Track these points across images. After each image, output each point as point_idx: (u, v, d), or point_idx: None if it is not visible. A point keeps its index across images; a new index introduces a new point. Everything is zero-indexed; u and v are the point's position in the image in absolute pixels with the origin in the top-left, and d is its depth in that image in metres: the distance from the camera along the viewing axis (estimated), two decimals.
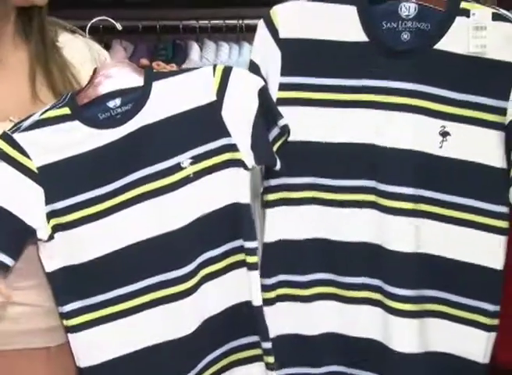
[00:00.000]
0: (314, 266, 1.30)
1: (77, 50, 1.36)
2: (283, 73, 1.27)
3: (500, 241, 1.25)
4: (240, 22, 2.05)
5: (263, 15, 1.31)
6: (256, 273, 1.23)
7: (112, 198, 1.18)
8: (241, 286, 1.24)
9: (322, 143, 1.27)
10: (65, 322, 1.20)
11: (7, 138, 1.18)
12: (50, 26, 1.34)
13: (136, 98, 1.20)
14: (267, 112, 1.22)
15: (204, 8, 2.10)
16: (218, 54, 2.09)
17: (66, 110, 1.19)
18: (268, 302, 1.29)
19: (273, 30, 1.27)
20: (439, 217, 1.26)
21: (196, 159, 1.20)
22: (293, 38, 1.27)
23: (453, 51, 1.24)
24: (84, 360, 1.20)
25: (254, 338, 1.25)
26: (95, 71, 1.21)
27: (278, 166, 1.23)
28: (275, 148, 1.23)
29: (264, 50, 1.28)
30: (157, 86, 1.21)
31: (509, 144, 1.23)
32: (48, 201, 1.17)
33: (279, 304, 1.31)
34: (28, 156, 1.17)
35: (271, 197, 1.29)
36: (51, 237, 1.18)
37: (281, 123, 1.22)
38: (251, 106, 1.20)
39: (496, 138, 1.24)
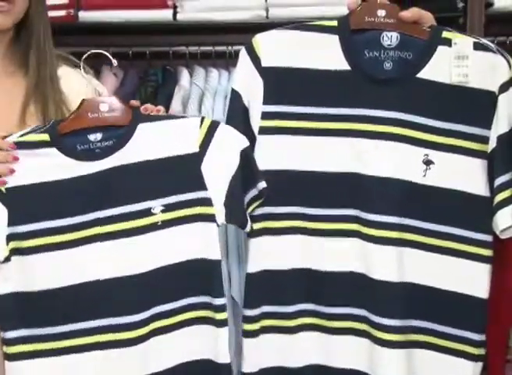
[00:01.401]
0: (298, 296, 1.28)
1: (76, 84, 1.35)
2: (266, 102, 1.26)
3: (484, 269, 1.24)
4: (229, 48, 2.04)
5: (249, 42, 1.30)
6: (225, 330, 1.21)
7: (75, 232, 1.17)
8: (202, 343, 1.21)
9: (305, 172, 1.26)
10: (4, 348, 1.17)
11: None
12: (53, 58, 1.34)
13: (118, 136, 1.19)
14: (247, 173, 1.21)
15: (194, 35, 2.10)
16: (207, 80, 2.08)
17: (46, 136, 1.18)
18: (251, 334, 1.28)
19: (255, 59, 1.27)
20: (423, 246, 1.24)
21: (168, 207, 1.19)
22: (276, 66, 1.26)
23: (435, 80, 1.23)
24: None
25: None
26: (82, 102, 1.20)
27: (248, 228, 1.23)
28: (249, 210, 1.23)
29: (247, 78, 1.27)
30: (142, 128, 1.20)
31: (491, 172, 1.22)
32: (10, 223, 1.15)
33: (262, 336, 1.29)
34: None
35: (254, 226, 1.27)
36: (7, 259, 1.15)
37: (260, 185, 1.22)
38: (232, 164, 1.20)
39: (478, 166, 1.23)
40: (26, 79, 1.33)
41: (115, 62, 1.27)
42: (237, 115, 1.27)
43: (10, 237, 1.15)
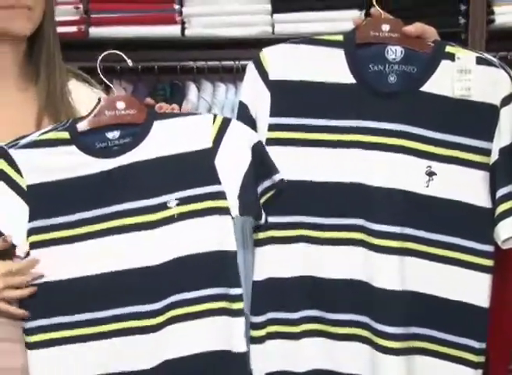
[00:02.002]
0: (303, 303, 1.28)
1: (86, 98, 1.36)
2: (272, 114, 1.27)
3: (485, 278, 1.24)
4: (236, 63, 2.06)
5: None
6: (241, 320, 1.21)
7: (92, 224, 1.18)
8: (217, 334, 1.21)
9: (311, 182, 1.26)
10: (26, 338, 1.18)
11: (2, 153, 1.19)
12: (63, 72, 1.36)
13: (135, 134, 1.21)
14: (260, 167, 1.22)
15: (201, 50, 2.11)
16: (215, 94, 2.10)
17: (66, 134, 1.20)
18: (257, 340, 1.28)
19: (263, 72, 1.28)
20: (426, 255, 1.25)
21: (183, 201, 1.20)
22: (283, 80, 1.27)
23: (438, 94, 1.24)
24: None
25: None
26: (99, 101, 1.22)
27: (263, 220, 1.24)
28: (262, 200, 1.24)
29: (254, 91, 1.28)
30: (157, 125, 1.22)
31: (493, 184, 1.23)
32: (31, 219, 1.17)
33: (268, 341, 1.29)
34: (21, 173, 1.17)
35: (261, 235, 1.28)
36: (27, 254, 1.17)
37: (276, 177, 1.23)
38: (245, 159, 1.22)
39: (480, 178, 1.23)
40: (37, 93, 1.34)
41: (129, 61, 1.29)
42: None
43: (30, 232, 1.17)
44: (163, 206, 1.19)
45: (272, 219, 1.27)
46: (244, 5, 2.05)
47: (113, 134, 1.21)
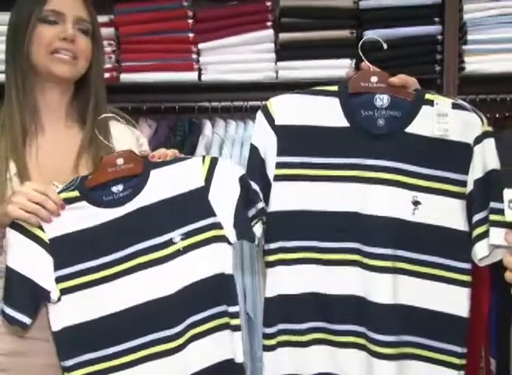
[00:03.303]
0: (309, 316, 1.28)
1: (123, 135, 1.36)
2: (279, 154, 1.28)
3: (465, 292, 1.25)
4: (245, 103, 2.06)
5: (262, 98, 1.34)
6: (239, 334, 1.22)
7: (111, 268, 1.17)
8: (225, 345, 1.22)
9: (313, 211, 1.27)
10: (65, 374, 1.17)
11: None
12: (107, 117, 1.34)
13: (136, 184, 1.20)
14: (247, 197, 1.22)
15: (215, 93, 2.12)
16: (227, 130, 2.09)
17: (76, 193, 1.19)
18: (269, 348, 1.29)
19: (270, 119, 1.29)
20: (414, 273, 1.25)
21: (186, 236, 1.19)
22: (287, 125, 1.28)
23: (421, 134, 1.25)
24: None
25: None
26: (101, 159, 1.21)
27: (256, 241, 1.23)
28: (253, 224, 1.23)
29: (263, 135, 1.29)
30: (154, 173, 1.21)
31: (469, 210, 1.24)
32: (56, 268, 1.16)
33: (279, 349, 1.29)
34: (43, 229, 1.16)
35: (270, 258, 1.29)
36: (59, 299, 1.16)
37: (259, 206, 1.23)
38: (234, 191, 1.21)
39: (459, 206, 1.24)
40: (82, 132, 1.33)
41: None
42: (256, 165, 1.29)
43: (57, 280, 1.16)
44: (169, 243, 1.19)
45: (280, 244, 1.28)
46: (252, 54, 2.05)
47: (117, 188, 1.20)
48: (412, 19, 1.96)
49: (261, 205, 1.23)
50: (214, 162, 1.22)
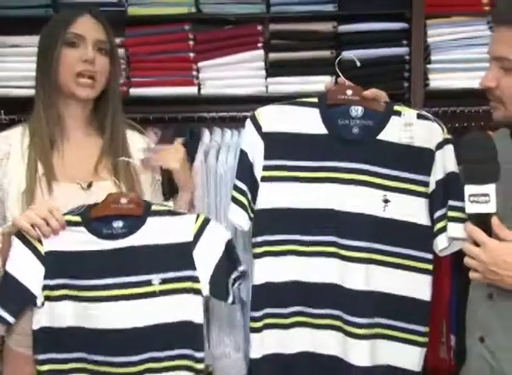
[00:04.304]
0: (292, 301, 1.26)
1: (137, 142, 1.34)
2: (266, 158, 1.25)
3: (428, 279, 1.24)
4: (239, 114, 2.04)
5: (254, 109, 1.30)
6: None
7: (91, 291, 1.15)
8: None
9: (296, 209, 1.24)
10: (37, 367, 1.16)
11: None
12: (123, 125, 1.33)
13: (132, 225, 1.17)
14: (230, 259, 1.18)
15: (213, 105, 2.10)
16: (223, 137, 2.06)
17: (78, 218, 1.16)
18: (256, 330, 1.26)
19: (257, 126, 1.26)
20: (384, 263, 1.23)
21: (164, 281, 1.16)
22: (273, 132, 1.26)
23: (390, 141, 1.23)
24: None
25: None
26: (107, 196, 1.18)
27: (229, 301, 1.19)
28: (235, 286, 1.19)
29: (251, 141, 1.27)
30: (150, 220, 1.18)
31: (431, 208, 1.22)
32: (45, 277, 1.14)
33: (265, 331, 1.26)
34: (41, 242, 1.14)
35: (257, 250, 1.26)
36: (42, 304, 1.15)
37: (240, 268, 1.19)
38: (217, 252, 1.17)
39: (422, 204, 1.23)
40: (102, 140, 1.31)
41: None
42: (245, 168, 1.26)
43: (44, 288, 1.14)
44: (148, 283, 1.15)
45: (266, 238, 1.25)
46: (245, 71, 2.03)
47: (118, 224, 1.16)
48: (383, 41, 1.95)
49: (242, 267, 1.19)
50: (206, 221, 1.18)
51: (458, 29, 1.93)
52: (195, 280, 1.16)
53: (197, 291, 1.16)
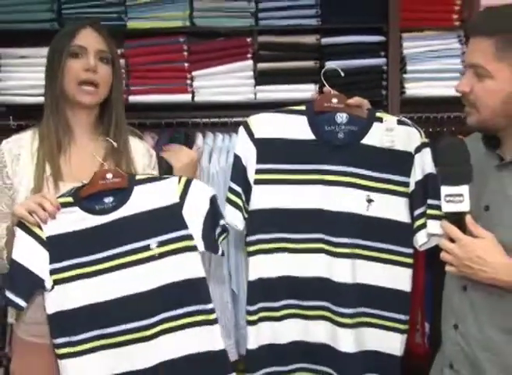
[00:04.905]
0: (284, 295, 1.24)
1: (137, 146, 1.33)
2: (258, 162, 1.24)
3: (408, 272, 1.23)
4: (230, 119, 2.01)
5: (244, 115, 1.29)
6: (217, 326, 1.14)
7: (96, 265, 1.12)
8: (201, 340, 1.14)
9: (286, 209, 1.23)
10: (55, 350, 1.13)
11: None
12: (126, 131, 1.31)
13: (122, 197, 1.15)
14: (215, 213, 1.16)
15: (206, 111, 2.07)
16: (215, 141, 2.04)
17: (70, 199, 1.14)
18: (252, 323, 1.24)
19: (250, 133, 1.24)
20: (368, 257, 1.22)
21: (161, 244, 1.14)
22: (264, 138, 1.24)
23: (373, 145, 1.22)
24: None
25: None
26: (95, 173, 1.16)
27: (219, 253, 1.17)
28: (220, 240, 1.17)
29: (244, 146, 1.25)
30: (137, 189, 1.16)
31: (412, 206, 1.21)
32: (50, 262, 1.12)
33: (260, 323, 1.24)
34: (41, 228, 1.12)
35: (251, 248, 1.24)
36: (52, 288, 1.12)
37: (221, 222, 1.16)
38: (204, 208, 1.15)
39: (403, 203, 1.22)
40: (106, 143, 1.29)
41: None
42: (239, 172, 1.24)
43: (52, 272, 1.12)
44: (147, 248, 1.13)
45: (258, 237, 1.23)
46: (235, 80, 2.00)
47: (108, 199, 1.14)
48: (362, 53, 1.94)
49: (223, 221, 1.17)
50: (188, 182, 1.16)
51: (431, 42, 1.93)
52: (189, 238, 1.14)
53: (193, 248, 1.14)
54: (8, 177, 1.22)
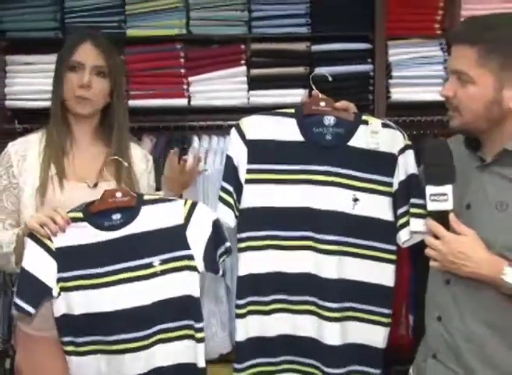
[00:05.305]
0: (272, 290, 1.22)
1: (136, 152, 1.33)
2: (249, 162, 1.21)
3: (392, 267, 1.21)
4: (224, 123, 2.00)
5: (237, 118, 1.26)
6: (202, 345, 1.15)
7: (101, 278, 1.12)
8: (188, 352, 1.15)
9: (275, 207, 1.20)
10: (63, 347, 1.14)
11: None
12: (128, 138, 1.31)
13: (129, 215, 1.14)
14: (218, 237, 1.15)
15: (202, 114, 2.06)
16: (210, 143, 2.03)
17: (79, 214, 1.14)
18: (241, 316, 1.22)
19: (241, 134, 1.22)
20: (354, 254, 1.20)
21: (164, 262, 1.14)
22: (255, 139, 1.22)
23: (359, 146, 1.20)
24: (73, 373, 1.15)
25: None
26: (104, 192, 1.15)
27: (220, 274, 1.16)
28: (220, 260, 1.17)
29: (236, 147, 1.22)
30: (145, 208, 1.15)
31: (395, 205, 1.20)
32: (58, 271, 1.12)
33: (248, 316, 1.22)
34: (51, 240, 1.11)
35: (242, 245, 1.21)
36: (59, 295, 1.12)
37: (226, 244, 1.16)
38: (207, 231, 1.14)
39: (387, 202, 1.20)
40: (107, 147, 1.28)
41: None
42: (230, 172, 1.22)
43: (58, 280, 1.12)
44: (150, 265, 1.13)
45: (249, 234, 1.21)
46: (229, 85, 2.00)
47: (116, 216, 1.14)
48: (350, 59, 1.94)
49: (228, 244, 1.16)
50: (194, 205, 1.15)
51: (415, 49, 1.94)
52: (190, 258, 1.14)
53: (193, 268, 1.14)
54: (14, 177, 1.22)
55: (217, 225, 1.15)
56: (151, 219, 1.14)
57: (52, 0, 1.95)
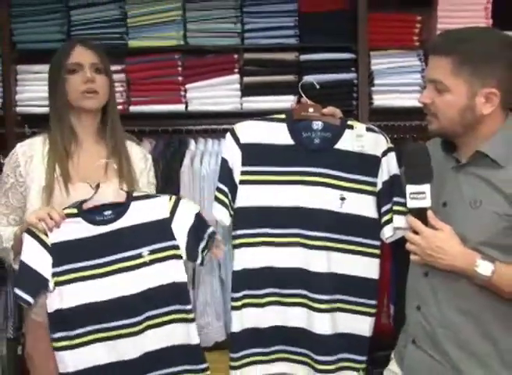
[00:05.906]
0: (265, 283, 1.20)
1: (135, 151, 1.31)
2: (243, 164, 1.20)
3: (376, 261, 1.20)
4: (219, 127, 1.98)
5: (231, 123, 1.25)
6: (193, 324, 1.14)
7: (94, 269, 1.11)
8: (180, 334, 1.14)
9: (268, 206, 1.19)
10: (53, 344, 1.10)
11: None
12: (121, 132, 1.28)
13: (119, 211, 1.14)
14: (200, 227, 1.15)
15: (198, 119, 2.03)
16: (206, 146, 2.01)
17: (74, 210, 1.12)
18: (236, 308, 1.20)
19: (236, 138, 1.20)
20: (341, 249, 1.19)
21: (152, 252, 1.13)
22: (249, 143, 1.20)
23: (345, 149, 1.19)
24: (62, 368, 1.11)
25: (187, 367, 1.15)
26: (98, 186, 1.14)
27: (198, 262, 1.15)
28: (205, 248, 1.15)
29: (231, 150, 1.21)
30: (133, 204, 1.14)
31: (379, 204, 1.19)
32: (53, 265, 1.10)
33: (243, 309, 1.20)
34: (47, 235, 1.10)
35: (236, 242, 1.20)
36: (54, 289, 1.10)
37: (209, 230, 1.15)
38: (189, 223, 1.14)
39: (372, 201, 1.19)
40: (106, 145, 1.26)
41: None
42: (226, 173, 1.20)
43: (53, 275, 1.10)
44: (139, 255, 1.12)
45: (243, 232, 1.19)
46: (224, 91, 1.97)
47: (108, 212, 1.13)
48: (336, 68, 1.93)
49: (211, 229, 1.15)
50: (177, 200, 1.15)
51: (395, 59, 1.92)
52: (176, 247, 1.13)
53: (179, 257, 1.14)
54: (21, 176, 1.21)
55: (199, 217, 1.15)
56: (139, 213, 1.13)
57: (60, 14, 1.95)
